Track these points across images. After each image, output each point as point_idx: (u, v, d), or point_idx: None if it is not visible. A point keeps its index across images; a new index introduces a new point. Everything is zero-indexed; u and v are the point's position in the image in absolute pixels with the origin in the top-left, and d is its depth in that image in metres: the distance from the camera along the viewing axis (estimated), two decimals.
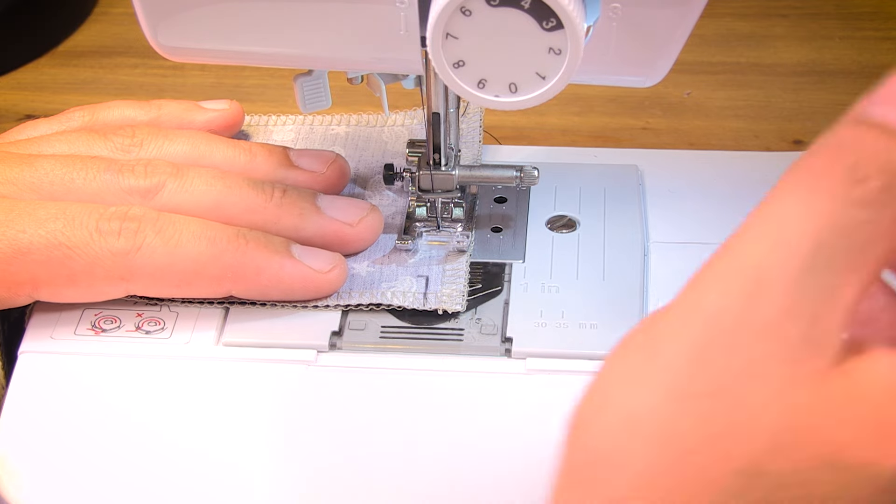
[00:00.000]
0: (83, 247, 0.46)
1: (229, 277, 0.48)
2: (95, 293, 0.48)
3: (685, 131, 0.66)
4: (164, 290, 0.48)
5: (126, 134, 0.52)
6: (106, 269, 0.46)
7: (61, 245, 0.46)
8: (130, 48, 0.76)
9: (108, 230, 0.46)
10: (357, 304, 0.49)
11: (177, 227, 0.47)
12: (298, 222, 0.50)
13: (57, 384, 0.47)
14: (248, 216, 0.49)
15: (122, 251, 0.46)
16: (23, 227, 0.46)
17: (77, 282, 0.47)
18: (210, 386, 0.47)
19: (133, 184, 0.48)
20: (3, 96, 0.73)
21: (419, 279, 0.50)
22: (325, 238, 0.50)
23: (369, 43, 0.44)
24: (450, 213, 0.53)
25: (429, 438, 0.45)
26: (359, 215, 0.51)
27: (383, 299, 0.49)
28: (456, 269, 0.51)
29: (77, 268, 0.46)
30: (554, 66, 0.40)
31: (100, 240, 0.46)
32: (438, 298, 0.49)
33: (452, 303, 0.49)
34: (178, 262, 0.47)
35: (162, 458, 0.45)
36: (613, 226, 0.53)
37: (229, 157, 0.52)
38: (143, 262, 0.46)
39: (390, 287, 0.50)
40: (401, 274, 0.51)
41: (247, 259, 0.47)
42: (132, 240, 0.46)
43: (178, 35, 0.46)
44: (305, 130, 0.60)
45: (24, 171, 0.48)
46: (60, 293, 0.48)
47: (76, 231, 0.46)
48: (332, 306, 0.49)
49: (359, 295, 0.49)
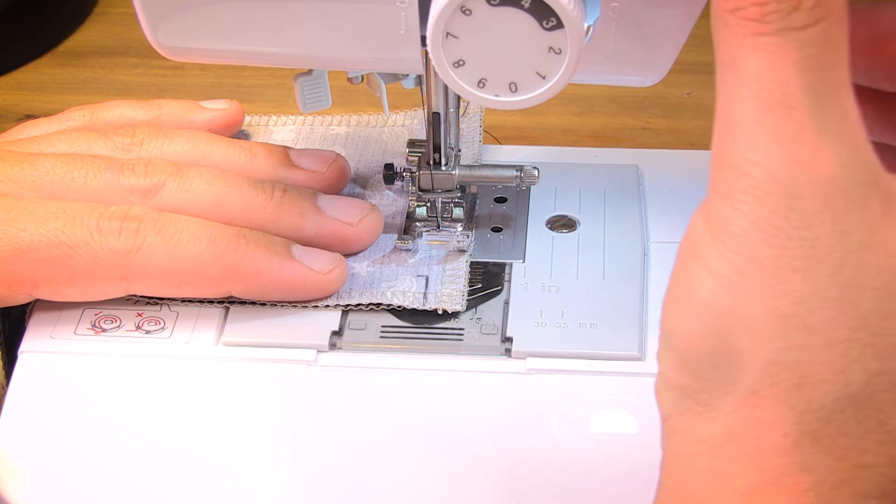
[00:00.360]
0: (84, 246, 0.46)
1: (229, 278, 0.48)
2: (95, 292, 0.48)
3: (685, 131, 0.66)
4: (165, 289, 0.48)
5: (126, 133, 0.52)
6: (106, 269, 0.46)
7: (62, 244, 0.46)
8: (130, 48, 0.76)
9: (109, 229, 0.46)
10: (357, 304, 0.49)
11: (177, 227, 0.47)
12: (298, 222, 0.50)
13: (57, 384, 0.47)
14: (248, 215, 0.49)
15: (122, 251, 0.46)
16: (23, 226, 0.46)
17: (77, 281, 0.47)
18: (210, 386, 0.47)
19: (133, 183, 0.48)
20: (3, 96, 0.73)
21: (419, 279, 0.50)
22: (325, 238, 0.50)
23: (369, 43, 0.44)
24: (450, 213, 0.53)
25: (429, 438, 0.45)
26: (359, 215, 0.51)
27: (383, 299, 0.49)
28: (456, 268, 0.51)
29: (77, 267, 0.46)
30: (554, 66, 0.40)
31: (100, 239, 0.46)
32: (438, 298, 0.49)
33: (452, 303, 0.49)
34: (178, 262, 0.47)
35: (162, 458, 0.45)
36: (613, 226, 0.53)
37: (229, 157, 0.52)
38: (144, 261, 0.46)
39: (390, 287, 0.50)
40: (401, 274, 0.51)
41: (247, 259, 0.47)
42: (133, 239, 0.46)
43: (178, 35, 0.46)
44: (306, 131, 0.60)
45: (25, 170, 0.48)
46: (60, 292, 0.48)
47: (77, 230, 0.46)
48: (332, 306, 0.49)
49: (359, 295, 0.49)
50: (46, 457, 0.45)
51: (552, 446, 0.44)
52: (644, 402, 0.45)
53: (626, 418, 0.45)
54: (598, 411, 0.45)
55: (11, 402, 0.47)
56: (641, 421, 0.45)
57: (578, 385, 0.46)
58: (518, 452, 0.44)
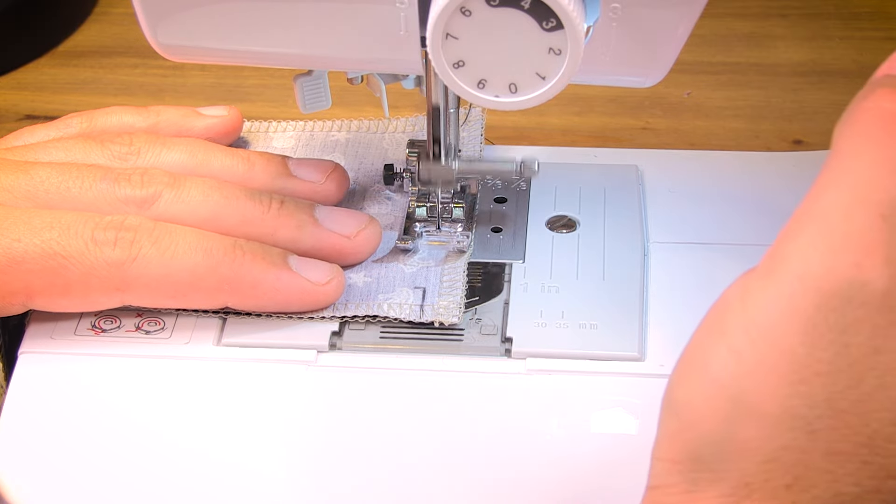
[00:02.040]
0: (78, 256, 0.46)
1: (225, 289, 0.47)
2: (90, 303, 0.47)
3: (685, 131, 0.66)
4: (160, 301, 0.48)
5: (123, 142, 0.51)
6: (101, 280, 0.46)
7: (56, 255, 0.46)
8: (130, 48, 0.76)
9: (104, 240, 0.46)
10: (353, 316, 0.49)
11: (173, 238, 0.47)
12: (296, 234, 0.50)
13: (57, 384, 0.47)
14: (244, 227, 0.49)
15: (117, 261, 0.46)
16: (18, 236, 0.46)
17: (71, 292, 0.46)
18: (210, 386, 0.47)
19: (129, 193, 0.48)
20: (3, 96, 0.73)
21: (416, 291, 0.50)
22: (323, 250, 0.50)
23: (369, 43, 0.44)
24: (450, 213, 0.53)
25: (429, 438, 0.45)
26: (357, 227, 0.51)
27: (380, 311, 0.49)
28: (453, 279, 0.50)
29: (72, 278, 0.46)
30: (554, 67, 0.40)
31: (95, 250, 0.46)
32: (435, 311, 0.49)
33: (449, 315, 0.49)
34: (173, 273, 0.46)
35: (162, 459, 0.45)
36: (613, 226, 0.53)
37: (227, 166, 0.52)
38: (139, 272, 0.46)
39: (387, 298, 0.50)
40: (398, 285, 0.50)
41: (243, 271, 0.47)
42: (128, 250, 0.46)
43: (178, 35, 0.46)
44: (306, 137, 0.60)
45: (20, 179, 0.48)
46: (55, 303, 0.47)
47: (71, 240, 0.46)
48: (328, 318, 0.49)
49: (355, 307, 0.49)
50: (46, 457, 0.45)
51: (552, 447, 0.44)
52: (644, 402, 0.45)
53: (626, 419, 0.45)
54: (598, 412, 0.45)
55: (11, 403, 0.47)
56: (641, 421, 0.45)
57: (578, 385, 0.46)
58: (518, 453, 0.44)
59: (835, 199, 0.31)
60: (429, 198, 0.53)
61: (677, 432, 0.33)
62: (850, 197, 0.31)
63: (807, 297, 0.31)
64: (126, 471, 0.44)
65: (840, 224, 0.31)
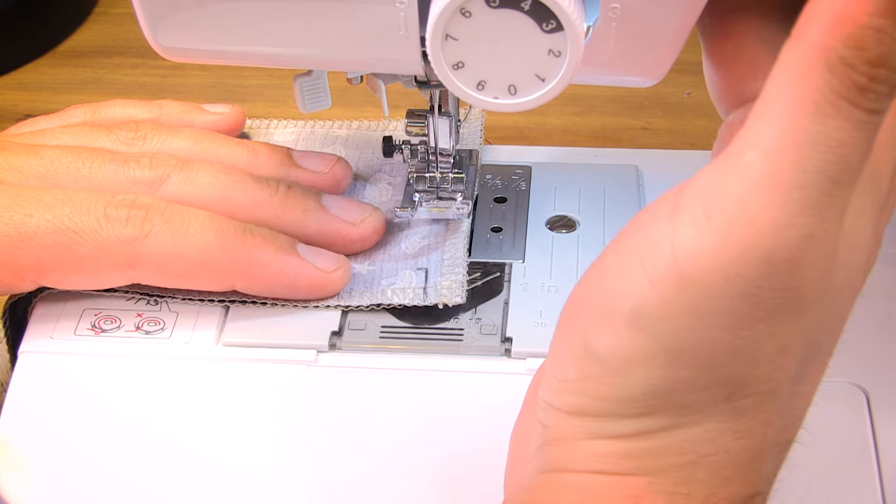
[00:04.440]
0: (91, 232, 0.46)
1: (235, 271, 0.48)
2: (101, 280, 0.48)
3: (685, 131, 0.66)
4: (170, 279, 0.48)
5: (130, 128, 0.52)
6: (112, 256, 0.46)
7: (68, 230, 0.46)
8: (130, 48, 0.76)
9: (116, 217, 0.46)
10: (357, 305, 0.49)
11: (185, 217, 0.47)
12: (302, 218, 0.50)
13: (57, 384, 0.47)
14: (252, 210, 0.49)
15: (129, 238, 0.46)
16: (29, 212, 0.46)
17: (83, 268, 0.47)
18: (210, 386, 0.47)
19: (138, 174, 0.48)
20: (3, 96, 0.73)
21: (419, 273, 0.50)
22: (328, 236, 0.50)
23: (369, 43, 0.44)
24: (449, 182, 0.53)
25: (429, 438, 0.45)
26: (361, 215, 0.51)
27: (383, 298, 0.49)
28: (454, 257, 0.51)
29: (84, 253, 0.46)
30: (553, 68, 0.40)
31: (107, 226, 0.46)
32: (438, 292, 0.49)
33: (452, 295, 0.49)
34: (185, 251, 0.47)
35: (162, 458, 0.45)
36: (613, 226, 0.53)
37: (232, 154, 0.52)
38: (150, 249, 0.46)
39: (390, 284, 0.50)
40: (400, 269, 0.51)
41: (253, 253, 0.47)
42: (140, 227, 0.46)
43: (178, 35, 0.46)
44: (307, 132, 0.60)
45: (30, 159, 0.48)
46: (66, 279, 0.48)
47: (84, 216, 0.46)
48: (332, 307, 0.49)
49: (359, 295, 0.49)
50: (46, 457, 0.45)
51: None
52: None
53: None
54: None
55: (11, 403, 0.47)
56: None
57: None
58: None
59: (760, 167, 0.31)
60: (428, 167, 0.53)
61: (600, 377, 0.33)
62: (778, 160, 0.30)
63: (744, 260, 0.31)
64: (126, 471, 0.44)
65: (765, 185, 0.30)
